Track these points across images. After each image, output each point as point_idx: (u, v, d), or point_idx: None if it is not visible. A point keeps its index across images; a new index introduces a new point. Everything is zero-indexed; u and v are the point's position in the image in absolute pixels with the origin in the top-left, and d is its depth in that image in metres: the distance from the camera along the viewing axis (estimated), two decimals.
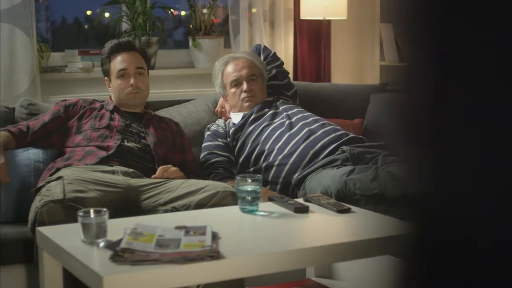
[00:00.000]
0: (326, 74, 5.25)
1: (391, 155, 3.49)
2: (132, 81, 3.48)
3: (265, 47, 4.06)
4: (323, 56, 5.25)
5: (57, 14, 4.93)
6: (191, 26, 4.88)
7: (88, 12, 5.25)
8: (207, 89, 4.94)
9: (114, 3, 4.91)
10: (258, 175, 2.81)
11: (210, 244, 2.28)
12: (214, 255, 2.21)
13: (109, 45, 3.58)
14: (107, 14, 5.29)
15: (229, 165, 3.63)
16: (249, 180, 2.72)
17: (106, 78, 3.60)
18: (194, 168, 3.54)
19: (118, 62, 3.52)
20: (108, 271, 2.11)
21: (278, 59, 4.04)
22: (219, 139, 3.73)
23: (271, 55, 4.02)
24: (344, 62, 5.54)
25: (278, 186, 3.50)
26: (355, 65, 5.61)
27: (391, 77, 5.30)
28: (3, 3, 4.32)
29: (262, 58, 4.01)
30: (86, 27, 5.27)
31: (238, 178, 2.74)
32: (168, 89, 4.75)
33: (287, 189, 3.47)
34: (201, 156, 3.69)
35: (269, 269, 2.32)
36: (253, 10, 5.11)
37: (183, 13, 5.24)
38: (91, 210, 2.38)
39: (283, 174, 3.50)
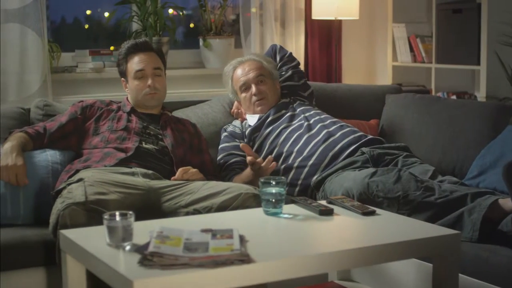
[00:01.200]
0: (337, 75, 5.22)
1: (410, 156, 3.48)
2: (149, 81, 3.45)
3: (281, 47, 4.02)
4: (334, 56, 5.22)
5: (56, 13, 4.90)
6: (191, 25, 4.83)
7: (88, 12, 5.20)
8: (218, 89, 4.90)
9: (124, 3, 4.87)
10: (282, 177, 2.77)
11: (239, 248, 2.24)
12: (244, 259, 2.19)
13: (125, 45, 3.54)
14: (106, 14, 5.27)
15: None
16: (273, 182, 2.68)
17: (122, 79, 3.56)
18: (211, 169, 3.51)
19: (135, 63, 3.48)
20: (138, 275, 2.07)
21: (294, 59, 4.01)
22: (237, 140, 3.70)
23: (287, 55, 3.98)
24: (355, 62, 5.51)
25: (297, 188, 3.48)
26: (366, 66, 5.58)
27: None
28: (14, 3, 4.29)
29: (278, 58, 3.97)
30: (86, 26, 5.22)
31: (262, 180, 2.69)
32: (178, 89, 4.72)
33: (306, 191, 3.44)
34: (219, 157, 3.67)
35: (299, 273, 2.28)
36: (253, 9, 5.09)
37: (182, 13, 5.18)
38: (117, 213, 2.34)
39: (302, 176, 3.47)
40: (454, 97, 4.97)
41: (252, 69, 3.79)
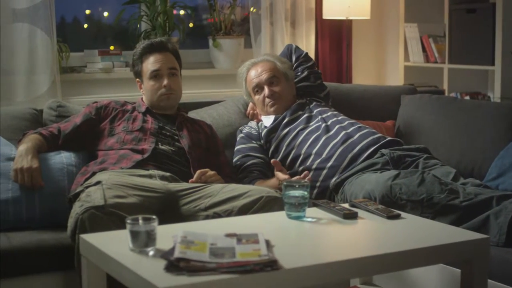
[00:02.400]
0: (348, 75, 5.18)
1: (431, 158, 3.42)
2: (165, 82, 3.40)
3: (296, 47, 3.96)
4: (345, 56, 5.18)
5: (55, 13, 4.86)
6: (190, 25, 4.79)
7: (87, 12, 5.15)
8: (227, 89, 4.88)
9: (133, 2, 4.83)
10: (305, 180, 2.72)
11: (267, 253, 2.19)
12: (272, 265, 2.13)
13: (141, 45, 3.49)
14: (105, 14, 5.22)
15: (265, 167, 3.55)
16: (297, 185, 2.63)
17: (137, 79, 3.50)
18: (228, 171, 3.45)
19: (150, 63, 3.43)
20: (165, 282, 2.02)
21: (310, 59, 3.95)
22: (253, 141, 3.65)
23: (303, 55, 3.93)
24: (365, 62, 5.48)
25: (316, 191, 3.42)
26: (377, 66, 5.55)
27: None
28: (22, 2, 4.25)
29: (294, 58, 3.92)
30: (85, 26, 5.17)
31: (285, 183, 2.64)
32: (187, 89, 4.66)
33: (324, 193, 3.39)
34: (235, 159, 3.61)
35: (326, 279, 2.23)
36: (252, 9, 5.05)
37: (181, 12, 5.14)
38: (140, 218, 2.28)
39: (320, 178, 3.42)
40: (467, 97, 4.94)
41: (265, 70, 3.73)
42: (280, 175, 3.28)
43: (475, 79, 5.19)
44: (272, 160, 3.35)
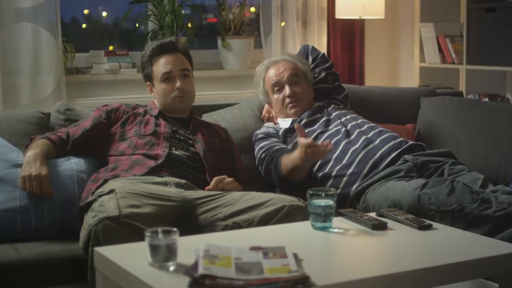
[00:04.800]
0: (361, 76, 5.06)
1: (457, 163, 3.28)
2: (178, 84, 3.26)
3: (313, 48, 3.82)
4: (358, 56, 5.07)
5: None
6: (189, 25, 4.68)
7: (86, 11, 5.03)
8: (237, 91, 4.76)
9: (140, 1, 4.70)
10: (332, 188, 2.58)
11: (297, 269, 2.06)
12: (304, 282, 1.99)
13: (150, 47, 3.34)
14: (104, 13, 5.11)
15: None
16: (322, 194, 2.50)
17: (148, 83, 3.36)
18: (243, 177, 3.31)
19: (161, 65, 3.28)
20: None
21: (327, 60, 3.81)
22: (275, 138, 3.52)
23: (319, 56, 3.79)
24: (379, 63, 5.36)
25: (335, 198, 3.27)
26: (390, 66, 5.44)
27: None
28: (27, 1, 4.12)
29: (310, 60, 3.77)
30: (84, 26, 5.06)
31: (310, 192, 2.50)
32: (196, 91, 4.53)
33: (345, 201, 3.24)
34: (260, 153, 3.47)
35: None
36: (252, 9, 4.93)
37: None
38: (159, 230, 2.14)
39: (341, 185, 3.27)
40: (486, 99, 4.82)
41: (286, 69, 3.59)
42: (302, 140, 3.12)
43: (493, 80, 5.08)
44: (295, 125, 3.23)
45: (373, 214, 2.69)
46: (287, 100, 3.56)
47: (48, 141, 3.09)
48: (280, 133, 3.54)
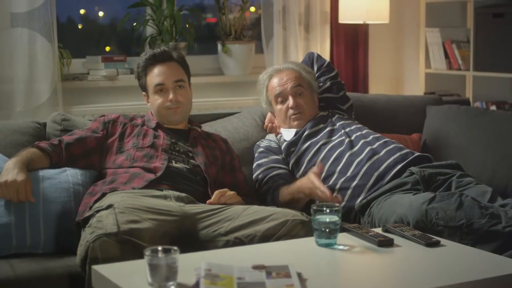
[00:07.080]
0: (365, 82, 4.97)
1: (464, 176, 3.19)
2: (171, 96, 3.16)
3: (318, 55, 3.71)
4: (362, 62, 4.98)
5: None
6: (187, 26, 4.60)
7: (82, 11, 4.96)
8: (238, 98, 4.68)
9: (138, 5, 4.62)
10: (337, 204, 2.49)
11: None
12: None
13: (143, 57, 3.25)
14: (101, 13, 5.05)
15: (291, 178, 3.32)
16: (327, 210, 2.42)
17: (144, 93, 3.26)
18: (245, 190, 3.21)
19: (154, 76, 3.19)
20: None
21: (333, 69, 3.69)
22: (274, 154, 3.41)
23: (325, 65, 3.67)
24: (383, 69, 5.29)
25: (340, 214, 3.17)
26: (394, 73, 5.36)
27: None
28: (22, 6, 4.05)
29: (315, 68, 3.66)
30: (80, 26, 4.99)
31: (314, 207, 2.43)
32: (194, 98, 4.44)
33: (349, 214, 3.15)
34: (256, 173, 3.37)
35: None
36: (252, 9, 4.86)
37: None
38: (159, 249, 2.07)
39: (345, 199, 3.17)
40: (493, 107, 4.74)
41: (290, 79, 3.48)
42: (320, 191, 3.02)
43: (501, 87, 5.00)
44: (318, 164, 3.14)
45: (379, 230, 2.61)
46: (290, 111, 3.46)
47: (35, 149, 2.99)
48: (282, 147, 3.44)
